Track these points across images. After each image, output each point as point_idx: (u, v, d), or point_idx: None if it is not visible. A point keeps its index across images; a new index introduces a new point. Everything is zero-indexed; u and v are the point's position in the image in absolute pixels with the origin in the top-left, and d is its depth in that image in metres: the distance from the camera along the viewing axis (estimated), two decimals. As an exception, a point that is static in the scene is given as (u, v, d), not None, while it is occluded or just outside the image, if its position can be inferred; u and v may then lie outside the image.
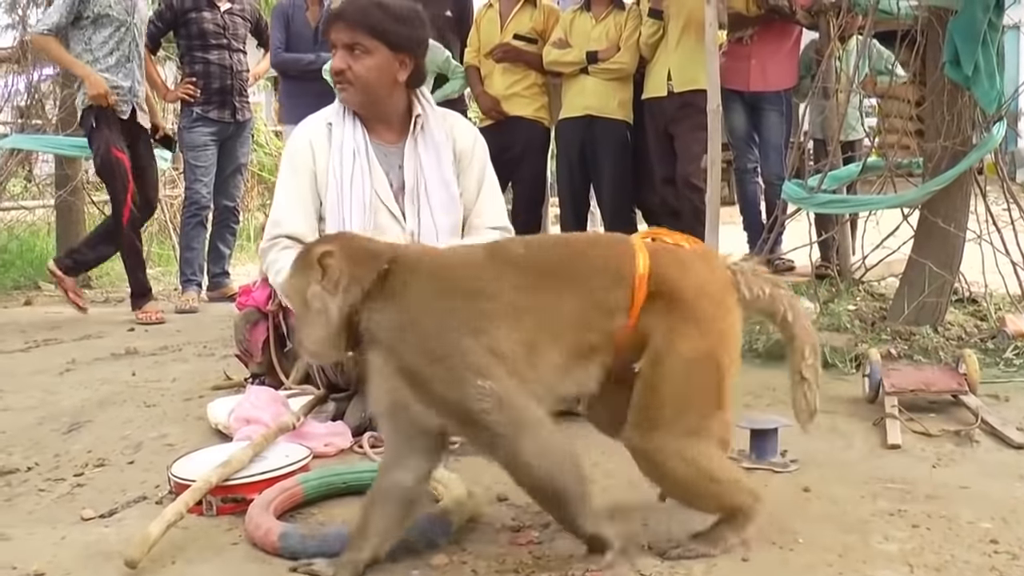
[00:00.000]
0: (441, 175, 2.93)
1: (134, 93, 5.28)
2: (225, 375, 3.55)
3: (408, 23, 2.91)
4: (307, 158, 2.93)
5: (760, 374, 3.51)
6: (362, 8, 2.88)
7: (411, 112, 2.96)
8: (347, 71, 2.85)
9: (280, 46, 5.46)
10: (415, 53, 2.92)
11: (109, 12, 5.20)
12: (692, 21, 4.86)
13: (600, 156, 5.21)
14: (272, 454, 2.28)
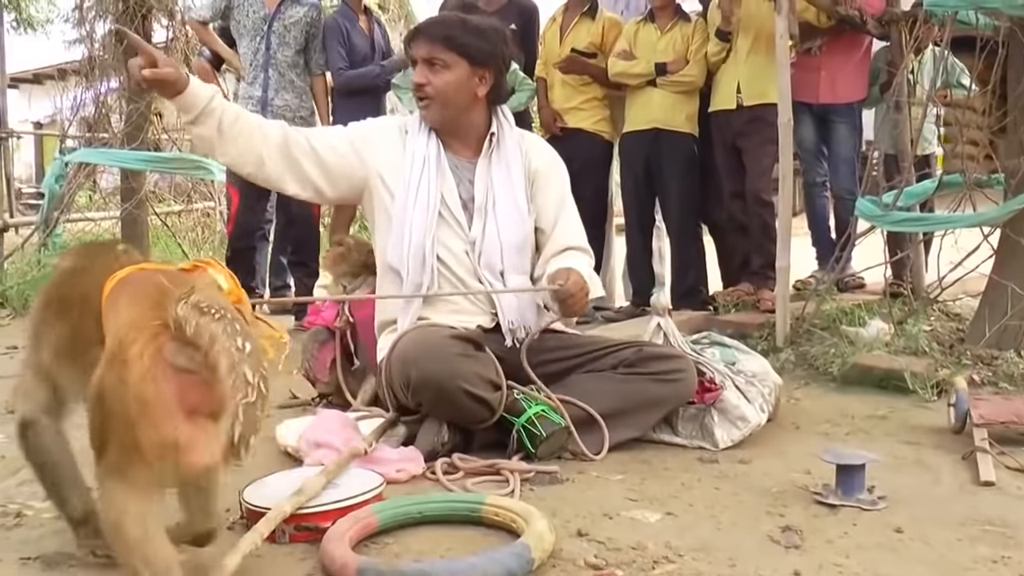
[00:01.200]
0: (512, 193, 2.91)
1: (265, 103, 5.29)
2: (291, 393, 3.52)
3: (488, 38, 2.90)
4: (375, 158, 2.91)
5: (836, 400, 3.43)
6: (442, 23, 2.93)
7: (488, 130, 2.92)
8: (426, 85, 2.86)
9: (344, 65, 5.41)
10: (495, 68, 2.90)
11: (247, 23, 5.29)
12: (762, 33, 4.77)
13: (666, 170, 5.13)
14: (345, 481, 2.23)
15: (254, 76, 5.32)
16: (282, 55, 5.33)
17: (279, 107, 5.30)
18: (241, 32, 5.35)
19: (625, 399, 2.73)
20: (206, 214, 8.64)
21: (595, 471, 2.51)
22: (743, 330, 4.39)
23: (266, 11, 5.28)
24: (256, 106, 5.26)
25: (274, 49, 5.30)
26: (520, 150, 2.97)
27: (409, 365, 2.59)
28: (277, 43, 5.31)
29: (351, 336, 3.16)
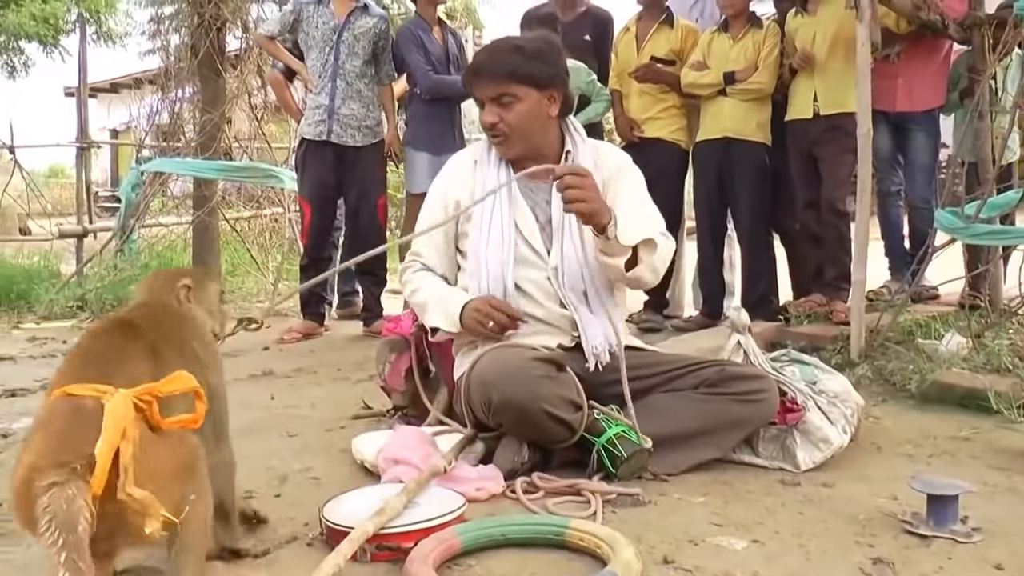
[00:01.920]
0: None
1: (332, 112, 5.34)
2: (364, 404, 3.53)
3: (546, 58, 2.90)
4: (447, 192, 2.99)
5: (916, 419, 3.35)
6: (500, 57, 2.90)
7: (563, 147, 2.91)
8: (500, 123, 2.85)
9: (427, 68, 5.42)
10: (561, 84, 2.90)
11: (316, 35, 5.36)
12: (840, 40, 4.70)
13: (737, 179, 5.07)
14: (426, 500, 2.22)
15: (322, 86, 5.37)
16: (350, 65, 5.37)
17: (345, 116, 5.35)
18: (310, 44, 5.40)
19: (706, 419, 2.69)
20: (274, 219, 8.73)
21: (676, 493, 2.48)
22: (816, 343, 4.32)
23: (335, 22, 5.33)
24: (323, 115, 5.33)
25: (343, 59, 5.35)
26: (593, 162, 2.94)
27: (490, 388, 2.58)
28: (346, 53, 5.35)
29: (426, 346, 3.15)
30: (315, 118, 5.38)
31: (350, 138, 5.40)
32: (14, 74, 18.00)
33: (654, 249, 2.72)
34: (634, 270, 2.72)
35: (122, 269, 6.78)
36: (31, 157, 19.67)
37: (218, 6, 6.73)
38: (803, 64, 4.79)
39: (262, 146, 8.05)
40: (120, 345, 1.81)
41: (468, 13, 14.73)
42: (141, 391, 1.65)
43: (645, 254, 2.71)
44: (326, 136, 5.37)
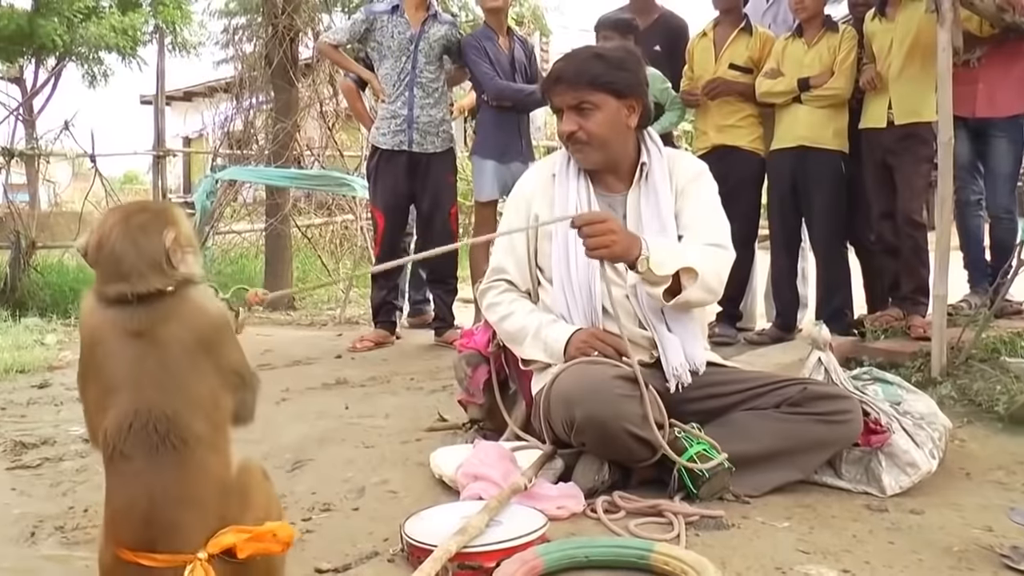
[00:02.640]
0: (659, 218, 2.84)
1: (411, 121, 5.39)
2: (439, 416, 3.53)
3: (627, 67, 2.86)
4: (525, 208, 2.97)
5: (1005, 443, 3.24)
6: (580, 65, 2.86)
7: (638, 158, 2.88)
8: (578, 131, 2.83)
9: (493, 74, 5.40)
10: (641, 95, 2.87)
11: (391, 44, 5.39)
12: (918, 45, 4.58)
13: (812, 189, 4.97)
14: (507, 518, 2.21)
15: (398, 94, 5.39)
16: (427, 73, 5.41)
17: (424, 123, 5.39)
18: (384, 53, 5.42)
19: (788, 440, 2.63)
20: (345, 226, 8.81)
21: (759, 516, 2.43)
22: (894, 359, 4.22)
23: (412, 31, 5.36)
24: (402, 124, 5.36)
25: (420, 67, 5.38)
26: (667, 173, 2.91)
27: (572, 405, 2.55)
28: (424, 61, 5.39)
29: (504, 361, 3.14)
30: (392, 127, 5.41)
31: (429, 145, 5.44)
32: (94, 83, 18.39)
33: (695, 275, 2.65)
34: (679, 297, 2.67)
35: (197, 276, 6.89)
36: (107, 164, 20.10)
37: (292, 16, 6.83)
38: (870, 86, 4.69)
39: (333, 154, 8.14)
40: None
41: (535, 20, 14.70)
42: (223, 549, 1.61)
43: (688, 280, 2.65)
44: (406, 145, 5.40)
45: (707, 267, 2.69)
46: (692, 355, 2.78)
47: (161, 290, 1.65)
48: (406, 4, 5.41)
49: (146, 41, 17.67)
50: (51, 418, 3.85)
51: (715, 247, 2.80)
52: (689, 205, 2.88)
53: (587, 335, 2.75)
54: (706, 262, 2.70)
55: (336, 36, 5.61)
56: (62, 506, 2.68)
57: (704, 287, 2.69)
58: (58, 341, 5.81)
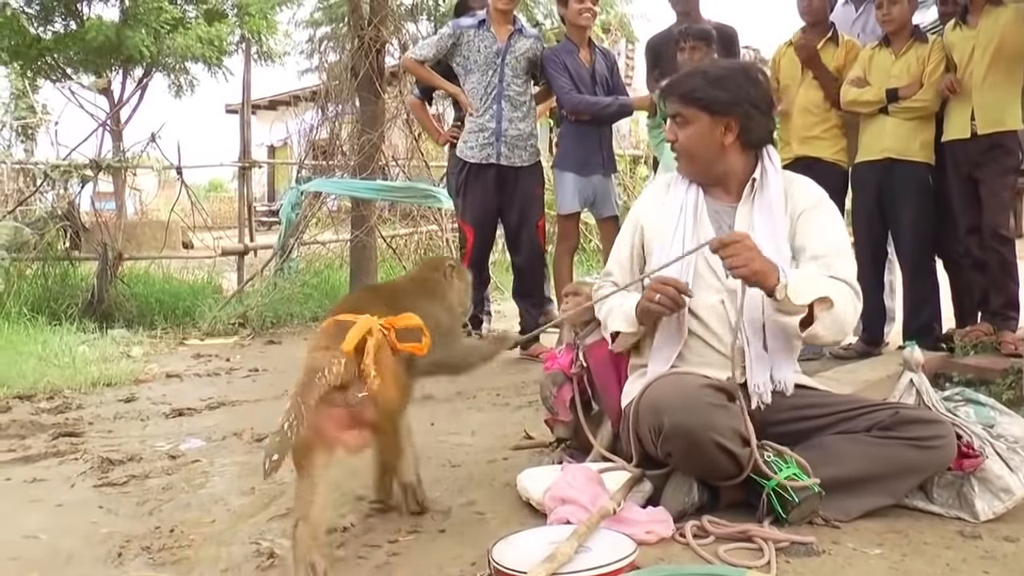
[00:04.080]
0: (773, 236, 2.79)
1: (499, 134, 5.44)
2: (526, 434, 3.56)
3: (726, 86, 2.84)
4: (640, 214, 3.04)
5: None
6: (683, 78, 2.96)
7: (751, 174, 2.87)
8: (675, 141, 2.90)
9: (570, 88, 5.43)
10: (740, 114, 2.84)
11: (477, 58, 5.45)
12: (1002, 53, 4.49)
13: (899, 202, 4.88)
14: (596, 545, 2.22)
15: (486, 108, 5.43)
16: (514, 86, 5.45)
17: (513, 136, 5.43)
18: (470, 67, 5.47)
19: (879, 464, 2.60)
20: (430, 237, 8.88)
21: (850, 542, 2.41)
22: (984, 376, 4.15)
23: (499, 45, 5.41)
24: (491, 137, 5.41)
25: (508, 81, 5.43)
26: (784, 193, 2.88)
27: (662, 412, 2.55)
28: (511, 75, 5.44)
29: (588, 381, 3.16)
30: (480, 141, 5.46)
31: (517, 158, 5.49)
32: (180, 93, 18.82)
33: (831, 306, 2.62)
34: (811, 328, 2.64)
35: (282, 288, 7.01)
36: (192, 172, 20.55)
37: (378, 28, 6.91)
38: (950, 90, 4.60)
39: (419, 164, 8.21)
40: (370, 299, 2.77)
41: (622, 27, 14.70)
42: (383, 320, 2.45)
43: (822, 311, 2.61)
44: (494, 159, 5.44)
45: (841, 302, 2.66)
46: (780, 376, 2.75)
47: None
48: (492, 18, 5.46)
49: (231, 51, 18.02)
50: (137, 433, 3.95)
51: (847, 285, 2.74)
52: (812, 233, 2.83)
53: (649, 288, 2.76)
54: (841, 297, 2.67)
55: (421, 52, 5.65)
56: (148, 525, 2.74)
57: (836, 322, 2.65)
58: (144, 353, 5.93)
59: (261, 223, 15.11)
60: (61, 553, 2.54)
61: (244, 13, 17.62)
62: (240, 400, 4.55)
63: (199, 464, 3.42)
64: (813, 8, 5.11)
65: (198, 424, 4.09)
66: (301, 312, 7.04)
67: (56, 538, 2.65)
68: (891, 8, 4.79)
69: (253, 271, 7.76)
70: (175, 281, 7.79)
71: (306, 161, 8.12)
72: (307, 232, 7.88)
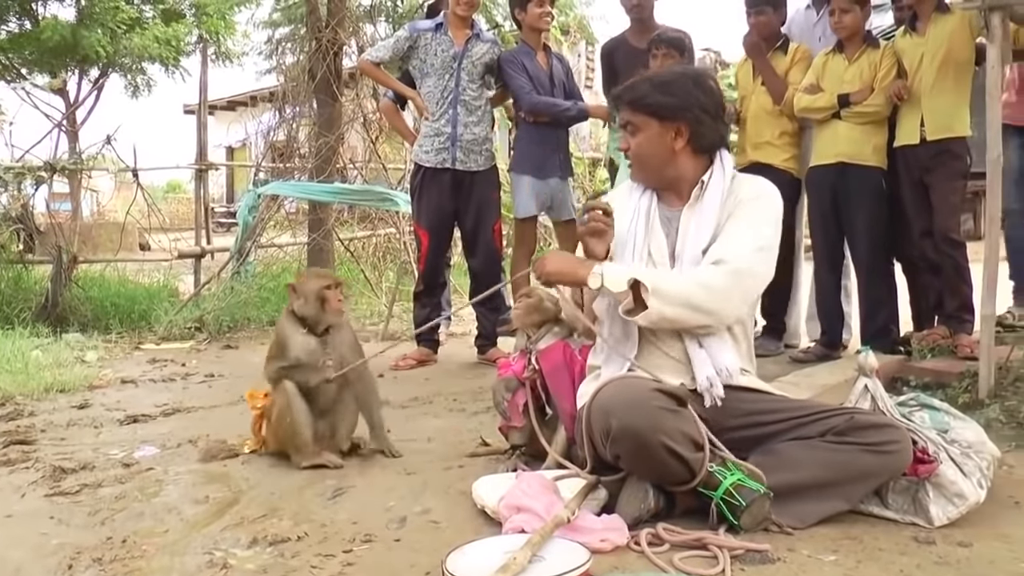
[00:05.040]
0: (698, 237, 2.82)
1: (455, 139, 5.38)
2: (482, 440, 3.53)
3: (673, 91, 2.86)
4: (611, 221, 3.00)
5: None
6: (631, 86, 2.95)
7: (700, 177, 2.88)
8: (627, 149, 2.91)
9: (530, 89, 5.41)
10: (690, 119, 2.84)
11: (434, 62, 5.39)
12: (950, 60, 4.54)
13: (853, 206, 4.94)
14: (550, 553, 2.20)
15: (442, 112, 5.39)
16: (470, 91, 5.41)
17: (468, 141, 5.39)
18: (427, 71, 5.41)
19: (834, 470, 2.60)
20: (388, 239, 8.83)
21: (805, 549, 2.41)
22: (941, 379, 4.18)
23: (455, 49, 5.36)
24: (446, 142, 5.36)
25: (463, 85, 5.39)
26: (724, 192, 2.88)
27: (610, 415, 2.55)
28: (467, 79, 5.39)
29: (541, 387, 3.15)
30: (435, 145, 5.41)
31: (473, 163, 5.44)
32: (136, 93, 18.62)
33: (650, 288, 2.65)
34: (649, 311, 2.65)
35: (239, 291, 6.94)
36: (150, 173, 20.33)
37: (336, 30, 6.87)
38: (897, 97, 4.65)
39: (377, 167, 8.16)
40: None
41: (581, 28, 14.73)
42: None
43: (647, 294, 2.65)
44: (449, 163, 5.40)
45: (678, 285, 2.69)
46: (722, 365, 2.76)
47: None
48: (449, 22, 5.42)
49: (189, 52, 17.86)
50: (91, 441, 3.87)
51: (714, 265, 2.74)
52: (730, 223, 2.85)
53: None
54: (676, 282, 2.71)
55: (377, 54, 5.60)
56: (100, 536, 2.69)
57: (680, 304, 2.67)
58: (99, 358, 5.85)
59: (220, 224, 15.01)
60: (9, 565, 2.48)
61: (202, 13, 17.47)
62: (195, 406, 4.49)
63: (153, 472, 3.37)
64: (760, 26, 5.23)
65: (153, 431, 4.03)
66: (258, 316, 6.98)
67: (4, 549, 2.59)
68: (843, 16, 4.85)
69: (210, 274, 7.69)
70: (131, 284, 7.71)
71: (264, 163, 8.04)
72: (264, 235, 7.81)
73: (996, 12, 3.88)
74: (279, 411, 3.35)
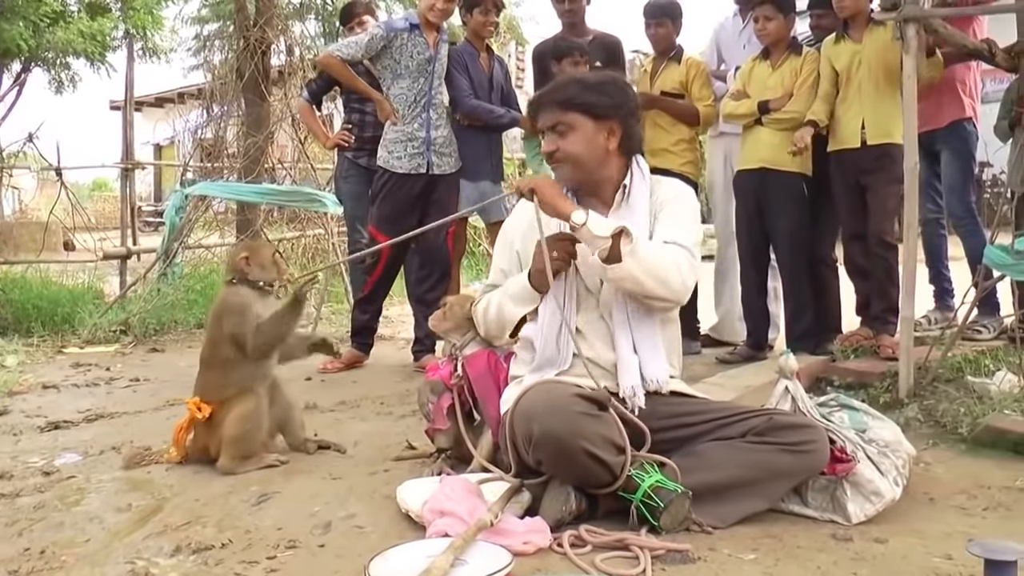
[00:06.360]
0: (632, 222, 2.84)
1: (429, 142, 5.31)
2: (408, 444, 3.52)
3: (606, 90, 2.89)
4: (514, 239, 3.04)
5: (969, 466, 3.26)
6: (559, 88, 2.96)
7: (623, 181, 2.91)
8: (557, 152, 2.88)
9: (469, 92, 5.39)
10: (622, 120, 2.88)
11: (409, 64, 5.29)
12: (892, 67, 4.62)
13: (775, 210, 5.03)
14: (472, 556, 2.21)
15: (415, 116, 5.29)
16: (440, 94, 5.39)
17: (440, 143, 5.33)
18: (400, 72, 5.28)
19: (753, 469, 2.65)
20: (317, 240, 8.77)
21: (726, 548, 2.44)
22: (864, 379, 4.26)
23: (429, 52, 5.28)
24: (421, 146, 5.27)
25: (436, 89, 5.34)
26: (647, 195, 2.93)
27: (532, 420, 2.56)
28: (437, 83, 5.35)
29: (468, 392, 3.15)
30: (409, 151, 5.28)
31: (446, 165, 5.36)
32: (60, 89, 18.18)
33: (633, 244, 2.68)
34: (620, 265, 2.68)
35: (165, 293, 6.84)
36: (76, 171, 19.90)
37: (264, 29, 6.79)
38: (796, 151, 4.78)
39: (306, 167, 8.09)
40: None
41: (511, 29, 14.76)
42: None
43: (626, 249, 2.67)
44: (424, 168, 5.29)
45: (652, 250, 2.74)
46: (653, 374, 2.80)
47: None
48: (423, 24, 5.30)
49: (116, 47, 17.48)
50: (9, 449, 3.78)
51: (672, 244, 2.81)
52: (660, 220, 2.91)
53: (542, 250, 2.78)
54: (652, 247, 2.76)
55: (347, 51, 5.36)
56: (18, 547, 2.63)
57: (649, 269, 2.70)
58: (19, 363, 5.70)
59: (147, 224, 14.74)
60: (-80, 580, 2.43)
61: (128, 7, 17.08)
62: (120, 411, 4.40)
63: (74, 480, 3.30)
64: (658, 37, 5.35)
65: (74, 438, 3.94)
66: (185, 319, 6.86)
67: (-84, 563, 2.53)
68: (767, 24, 4.94)
69: (136, 275, 7.55)
70: (54, 286, 7.52)
71: (192, 163, 7.93)
72: (192, 236, 7.69)
73: (911, 24, 3.97)
74: (243, 415, 3.35)
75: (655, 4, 5.37)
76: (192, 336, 6.54)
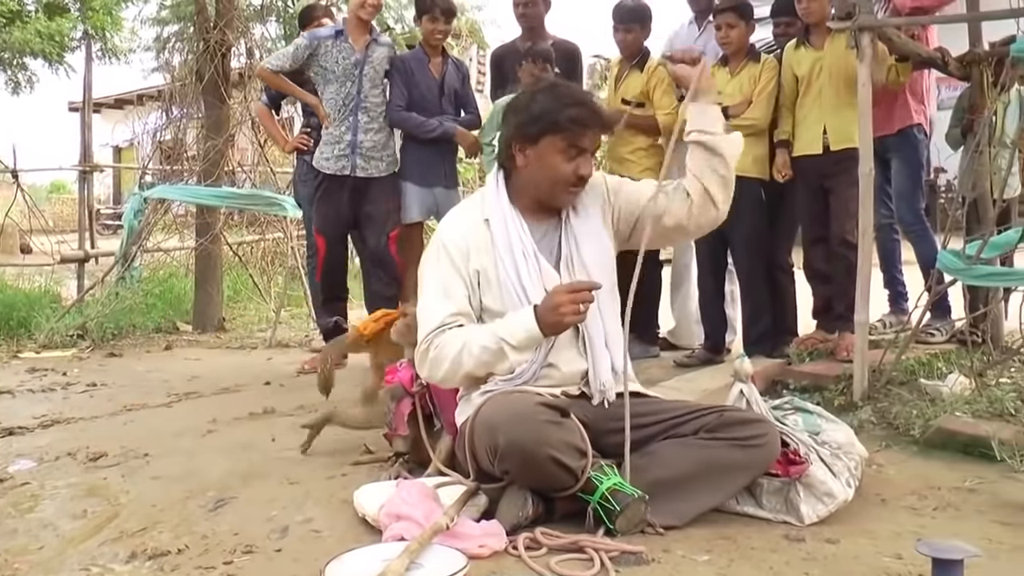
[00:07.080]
0: (596, 236, 2.94)
1: (355, 145, 5.32)
2: (365, 448, 3.52)
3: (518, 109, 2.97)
4: (467, 255, 2.90)
5: (920, 467, 3.32)
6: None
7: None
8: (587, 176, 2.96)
9: (400, 104, 5.39)
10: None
11: (335, 69, 5.30)
12: (854, 75, 4.68)
13: (732, 215, 5.02)
14: (428, 560, 2.22)
15: (343, 119, 5.32)
16: (372, 96, 5.37)
17: (368, 148, 5.33)
18: (328, 78, 5.32)
19: (706, 465, 2.69)
20: (276, 244, 8.73)
21: (680, 550, 2.47)
22: (819, 382, 4.31)
23: (356, 56, 5.30)
24: (346, 149, 5.30)
25: (365, 92, 5.34)
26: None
27: (496, 431, 2.58)
28: (369, 85, 5.34)
29: (428, 398, 3.17)
30: (335, 152, 5.33)
31: (374, 169, 5.37)
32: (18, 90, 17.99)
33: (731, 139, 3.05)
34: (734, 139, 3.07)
35: (124, 297, 6.78)
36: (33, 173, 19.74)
37: (224, 32, 6.75)
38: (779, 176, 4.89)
39: (266, 170, 8.06)
40: None
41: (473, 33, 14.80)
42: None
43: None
44: (349, 171, 5.32)
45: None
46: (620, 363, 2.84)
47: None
48: (350, 28, 5.35)
49: (74, 47, 17.31)
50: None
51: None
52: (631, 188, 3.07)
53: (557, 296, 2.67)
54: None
55: (277, 62, 5.46)
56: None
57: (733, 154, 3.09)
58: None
59: (106, 227, 14.60)
60: None
61: (87, 8, 16.93)
62: (76, 417, 4.36)
63: (28, 487, 3.27)
64: (627, 43, 5.34)
65: (29, 444, 3.90)
66: (144, 323, 6.82)
67: None
68: (729, 31, 4.97)
69: (94, 279, 7.48)
70: (10, 290, 7.46)
71: (151, 165, 7.86)
72: (151, 239, 7.63)
73: (865, 32, 4.03)
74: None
75: (624, 8, 5.34)
76: (151, 340, 6.49)
